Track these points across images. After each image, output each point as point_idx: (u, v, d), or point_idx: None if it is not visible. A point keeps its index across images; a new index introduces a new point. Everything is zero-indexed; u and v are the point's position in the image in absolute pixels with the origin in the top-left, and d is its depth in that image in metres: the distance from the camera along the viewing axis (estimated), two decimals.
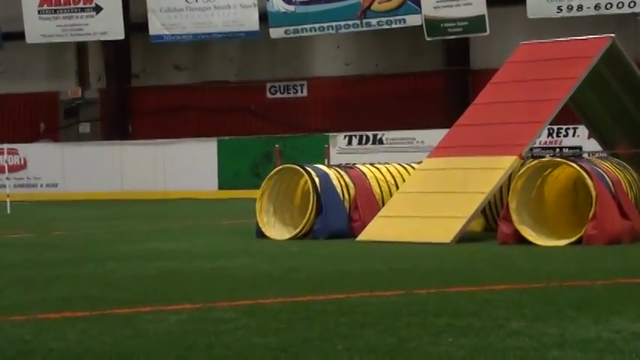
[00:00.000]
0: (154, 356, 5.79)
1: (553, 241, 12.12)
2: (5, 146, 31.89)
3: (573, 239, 12.07)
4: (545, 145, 25.14)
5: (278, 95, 33.66)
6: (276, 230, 14.18)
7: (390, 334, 6.30)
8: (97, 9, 32.94)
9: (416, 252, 11.62)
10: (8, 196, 24.04)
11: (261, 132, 31.09)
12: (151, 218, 20.46)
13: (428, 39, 30.12)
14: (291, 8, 31.17)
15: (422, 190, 13.76)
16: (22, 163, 32.48)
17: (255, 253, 12.10)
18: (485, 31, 29.15)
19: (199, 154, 30.72)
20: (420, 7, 29.69)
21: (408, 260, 10.87)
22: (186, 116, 33.63)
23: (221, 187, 30.21)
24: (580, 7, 27.93)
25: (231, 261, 11.16)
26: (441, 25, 29.70)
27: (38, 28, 33.45)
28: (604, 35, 15.00)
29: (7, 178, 25.75)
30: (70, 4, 33.09)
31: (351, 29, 31.07)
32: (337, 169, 14.96)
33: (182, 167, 30.41)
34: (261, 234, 14.16)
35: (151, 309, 7.56)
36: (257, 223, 14.29)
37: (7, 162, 31.61)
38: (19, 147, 32.74)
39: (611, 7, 27.56)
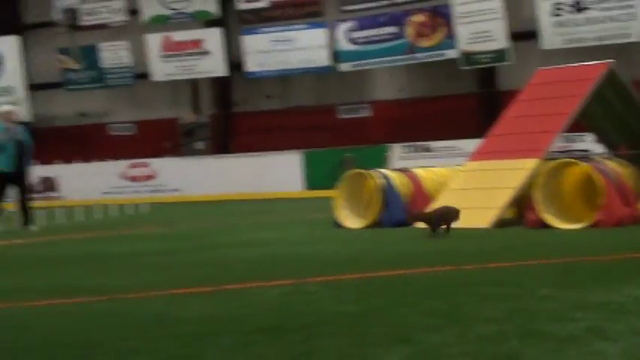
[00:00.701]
0: (258, 321, 5.77)
1: (571, 225, 11.96)
2: (140, 161, 32.31)
3: (587, 223, 11.91)
4: (560, 149, 24.82)
5: (347, 116, 33.57)
6: (351, 221, 14.14)
7: (444, 301, 6.24)
8: (206, 53, 33.19)
9: (461, 235, 11.51)
10: (143, 199, 24.29)
11: (336, 145, 31.05)
12: (251, 214, 20.50)
13: (463, 68, 30.00)
14: (355, 47, 31.24)
15: (464, 187, 13.65)
16: (153, 174, 32.73)
17: (334, 240, 12.07)
18: (508, 60, 28.98)
19: (288, 163, 30.75)
20: (456, 43, 29.59)
21: (456, 242, 10.78)
22: (277, 134, 33.67)
23: (306, 188, 30.23)
24: (585, 39, 27.71)
25: (316, 246, 11.14)
26: (473, 57, 29.58)
27: (161, 69, 33.76)
28: (604, 61, 14.82)
29: (142, 186, 26.06)
30: (184, 50, 33.36)
31: (403, 62, 31.06)
32: (397, 172, 14.90)
33: (275, 174, 30.46)
34: (338, 225, 14.13)
35: (255, 285, 7.56)
36: (335, 216, 14.28)
37: (141, 173, 32.05)
38: (150, 161, 33.01)
39: (609, 38, 27.32)
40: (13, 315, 6.46)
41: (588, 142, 24.50)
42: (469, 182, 13.71)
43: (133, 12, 33.89)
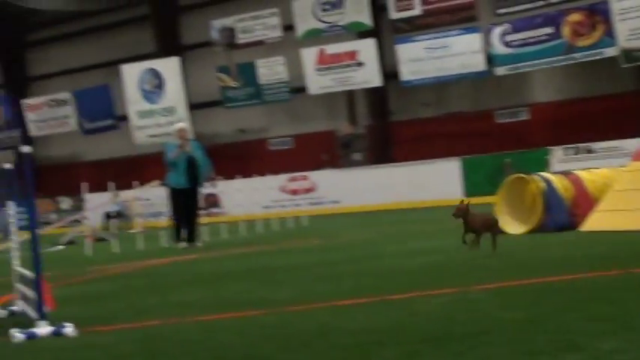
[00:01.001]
0: (423, 330, 5.75)
1: None
2: (299, 174, 32.71)
3: None
4: None
5: (505, 120, 33.20)
6: (513, 227, 13.94)
7: (614, 306, 6.07)
8: (360, 64, 33.36)
9: (628, 238, 11.17)
10: (303, 212, 24.55)
11: (495, 150, 30.71)
12: (412, 223, 20.46)
13: (623, 66, 29.20)
14: (511, 50, 30.83)
15: (630, 187, 13.25)
16: (312, 186, 33.11)
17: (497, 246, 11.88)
18: None
19: (447, 171, 30.58)
20: (615, 40, 28.84)
21: (622, 245, 10.47)
22: (434, 142, 33.57)
23: (465, 195, 29.99)
24: None
25: (477, 253, 10.99)
26: (634, 54, 28.77)
27: (317, 82, 34.12)
28: None
29: (302, 199, 26.35)
30: (339, 62, 33.60)
31: (560, 63, 30.46)
32: (558, 175, 14.62)
33: (434, 182, 30.33)
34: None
35: (419, 294, 7.52)
36: None
37: (301, 186, 32.44)
38: (309, 174, 33.42)
39: None
40: (181, 329, 6.62)
41: None
42: (634, 183, 13.31)
43: (288, 27, 34.38)
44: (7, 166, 8.17)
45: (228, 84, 36.24)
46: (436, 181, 30.35)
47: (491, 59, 31.30)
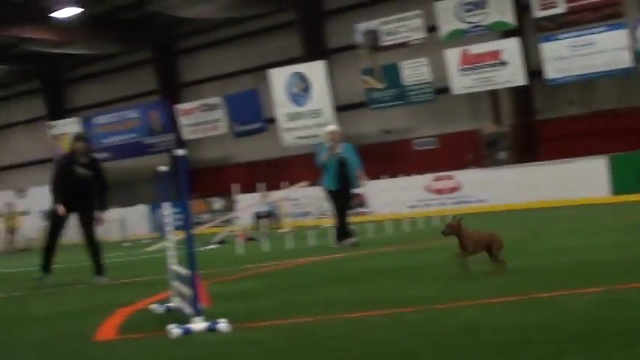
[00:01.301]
0: (571, 328, 5.64)
1: None
2: (444, 174, 32.56)
3: None
4: None
5: None
6: None
7: None
8: (504, 63, 32.96)
9: None
10: (449, 211, 24.37)
11: None
12: (558, 221, 20.09)
13: None
14: None
15: None
16: (458, 185, 32.88)
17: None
18: None
19: (594, 169, 29.86)
20: None
21: None
22: (580, 140, 32.85)
23: (613, 193, 29.25)
24: None
25: (626, 252, 10.71)
26: None
27: (461, 83, 33.87)
28: None
29: (447, 198, 26.20)
30: (482, 62, 33.28)
31: None
32: None
33: (580, 180, 29.68)
34: None
35: (566, 292, 7.38)
36: None
37: (446, 186, 32.32)
38: (454, 173, 33.20)
39: None
40: (329, 326, 6.67)
41: None
42: None
43: (431, 29, 34.25)
44: (163, 168, 8.41)
45: (373, 86, 36.34)
46: (583, 180, 29.70)
47: (638, 56, 30.46)
